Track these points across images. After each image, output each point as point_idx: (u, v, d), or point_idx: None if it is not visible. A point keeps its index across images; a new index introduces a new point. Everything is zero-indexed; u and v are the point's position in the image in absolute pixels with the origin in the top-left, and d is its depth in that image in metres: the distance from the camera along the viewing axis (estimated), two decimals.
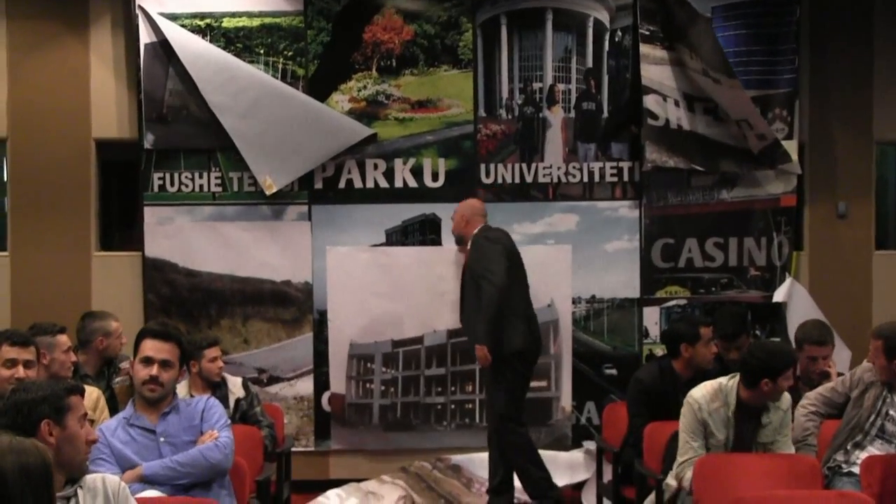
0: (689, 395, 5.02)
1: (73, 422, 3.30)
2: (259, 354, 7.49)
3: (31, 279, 7.47)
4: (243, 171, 7.44)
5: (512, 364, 6.52)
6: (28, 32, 7.56)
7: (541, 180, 7.56)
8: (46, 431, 3.20)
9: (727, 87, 7.24)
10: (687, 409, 5.00)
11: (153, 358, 4.49)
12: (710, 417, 4.92)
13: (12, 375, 4.46)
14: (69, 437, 3.27)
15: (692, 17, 7.24)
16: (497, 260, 6.58)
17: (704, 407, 4.94)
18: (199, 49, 7.39)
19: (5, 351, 4.54)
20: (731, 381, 4.98)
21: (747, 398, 4.88)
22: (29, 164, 7.57)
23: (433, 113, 7.57)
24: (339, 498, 6.69)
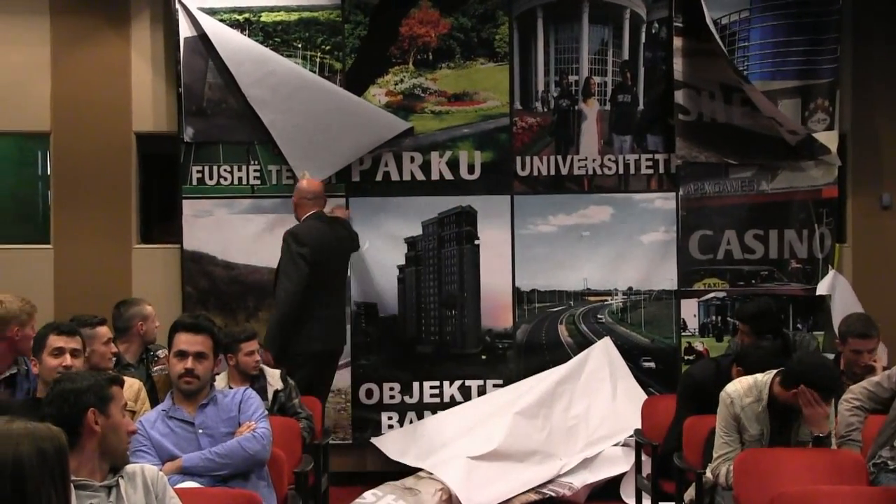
0: (724, 390, 5.01)
1: (116, 411, 3.34)
2: None
3: (73, 271, 7.56)
4: (282, 164, 7.48)
5: (305, 366, 6.57)
6: (70, 28, 7.66)
7: (576, 172, 7.55)
8: (92, 420, 3.23)
9: (749, 90, 7.27)
10: (721, 403, 4.98)
11: (187, 351, 4.53)
12: (742, 412, 4.89)
13: (59, 364, 4.50)
14: (113, 426, 3.30)
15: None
16: (294, 263, 6.60)
17: (737, 402, 4.91)
18: (237, 43, 7.45)
19: (52, 340, 4.59)
20: (766, 377, 4.94)
21: (779, 395, 4.84)
22: (71, 157, 7.67)
23: (469, 106, 7.57)
24: (375, 497, 6.70)
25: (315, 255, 6.65)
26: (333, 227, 6.97)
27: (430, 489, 6.73)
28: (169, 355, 4.66)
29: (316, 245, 6.69)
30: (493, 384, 7.53)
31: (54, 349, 4.58)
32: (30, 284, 6.96)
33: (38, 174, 8.06)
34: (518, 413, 7.04)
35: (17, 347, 5.24)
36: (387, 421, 7.54)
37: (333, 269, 6.86)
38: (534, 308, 7.59)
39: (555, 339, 7.58)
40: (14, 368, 5.25)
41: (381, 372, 7.57)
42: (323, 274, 6.70)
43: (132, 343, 6.07)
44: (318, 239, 6.74)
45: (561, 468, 6.94)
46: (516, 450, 6.92)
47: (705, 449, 5.21)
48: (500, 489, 6.76)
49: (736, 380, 5.06)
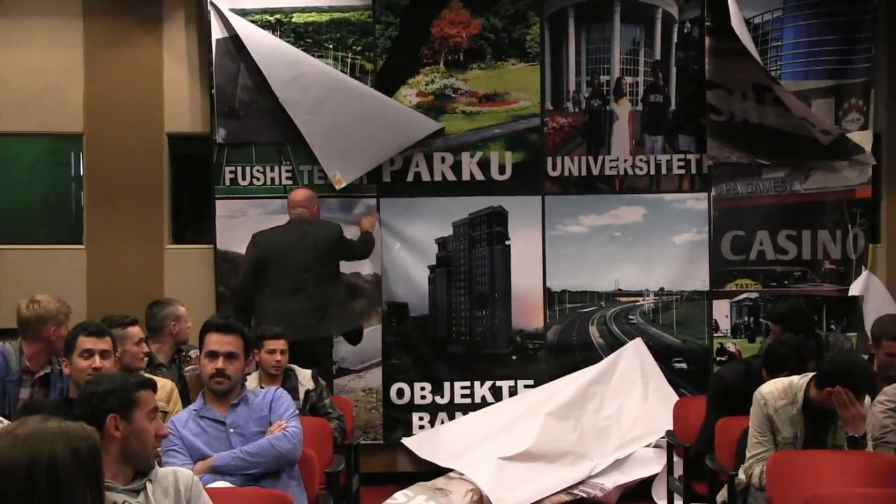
0: (758, 391, 4.98)
1: (142, 416, 3.27)
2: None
3: (106, 272, 7.60)
4: (313, 164, 7.50)
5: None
6: (103, 30, 7.70)
7: (607, 173, 7.53)
8: (112, 426, 3.19)
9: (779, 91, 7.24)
10: (754, 404, 4.95)
11: (217, 351, 4.53)
12: (776, 414, 4.86)
13: (89, 366, 4.50)
14: (136, 431, 3.23)
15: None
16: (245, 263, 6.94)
17: (771, 403, 4.88)
18: (269, 44, 7.47)
19: (82, 341, 4.58)
20: (802, 379, 4.91)
21: (815, 398, 4.81)
22: (104, 158, 7.71)
23: (500, 106, 7.57)
24: (406, 497, 6.70)
25: (264, 255, 6.82)
26: (302, 229, 6.95)
27: (460, 490, 6.72)
28: (200, 355, 4.67)
29: (267, 247, 6.85)
30: (524, 385, 7.52)
31: (84, 350, 4.57)
32: (63, 285, 7.00)
33: (71, 175, 8.10)
34: (549, 414, 7.03)
35: (53, 347, 5.29)
36: (418, 421, 7.55)
37: (295, 267, 6.82)
38: (565, 309, 7.58)
39: (586, 339, 7.57)
40: (48, 368, 5.30)
41: (412, 372, 7.58)
42: (280, 273, 6.78)
43: (165, 343, 6.10)
44: (272, 241, 6.88)
45: (592, 469, 6.92)
46: (548, 450, 6.91)
47: (738, 450, 5.19)
48: (532, 490, 6.74)
49: (771, 381, 5.02)
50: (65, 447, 2.37)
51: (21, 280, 7.37)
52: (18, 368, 5.23)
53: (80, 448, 2.40)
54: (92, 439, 2.47)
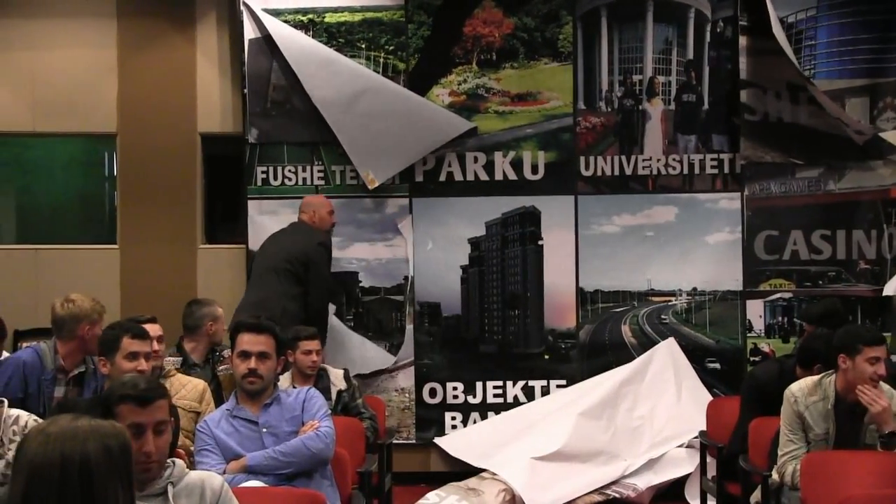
0: (788, 389, 4.97)
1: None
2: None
3: (139, 271, 7.65)
4: (345, 164, 7.51)
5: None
6: (136, 30, 7.75)
7: (640, 172, 7.51)
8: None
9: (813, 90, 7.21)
10: (785, 403, 4.93)
11: (250, 351, 4.52)
12: (807, 411, 4.85)
13: (134, 368, 4.52)
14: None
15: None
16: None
17: (801, 400, 4.86)
18: (302, 44, 7.49)
19: (127, 343, 4.59)
20: (831, 376, 4.89)
21: (843, 390, 4.79)
22: (137, 158, 7.75)
23: (533, 106, 7.56)
24: (438, 497, 6.69)
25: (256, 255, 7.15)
26: (289, 231, 7.13)
27: (493, 490, 6.71)
28: (232, 355, 4.68)
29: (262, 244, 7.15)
30: (557, 385, 7.51)
31: (130, 353, 4.58)
32: (96, 284, 7.04)
33: (104, 175, 8.16)
34: (582, 414, 7.01)
35: (87, 346, 5.31)
36: (450, 421, 7.55)
37: (263, 264, 6.95)
38: (597, 308, 7.56)
39: (618, 339, 7.55)
40: (82, 367, 5.33)
41: (445, 372, 7.58)
42: (254, 267, 7.02)
43: (200, 343, 6.12)
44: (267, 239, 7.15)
45: (625, 469, 6.91)
46: (580, 450, 6.90)
47: (771, 450, 5.16)
48: (564, 490, 6.73)
49: (801, 379, 5.01)
50: (97, 445, 2.37)
51: (56, 280, 7.42)
52: (53, 367, 5.26)
53: (111, 446, 2.40)
54: (123, 437, 2.46)
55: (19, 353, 5.74)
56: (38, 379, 5.20)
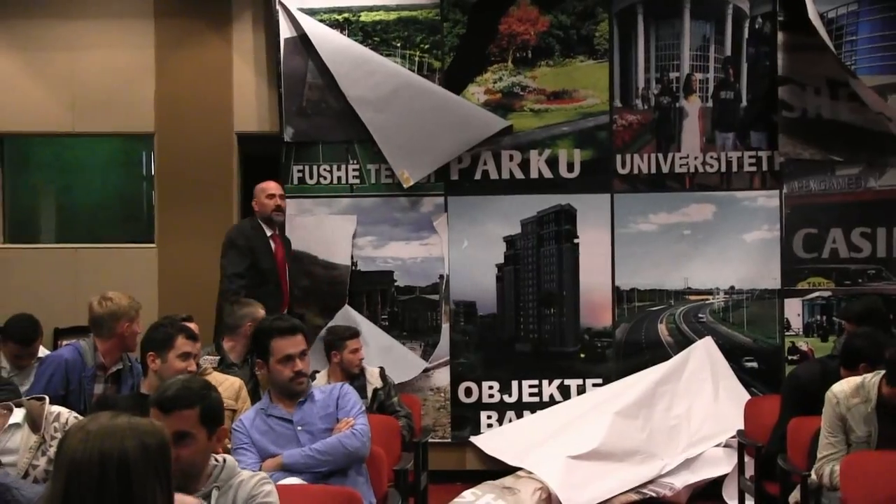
0: (830, 390, 4.90)
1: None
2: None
3: (177, 270, 7.69)
4: (381, 162, 7.52)
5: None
6: (173, 31, 7.80)
7: (677, 170, 7.47)
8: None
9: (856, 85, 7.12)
10: (826, 404, 4.87)
11: (293, 354, 4.50)
12: (848, 413, 4.78)
13: (185, 368, 4.57)
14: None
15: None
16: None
17: (843, 402, 4.80)
18: (337, 43, 7.51)
19: (181, 343, 4.66)
20: (875, 377, 4.82)
21: (888, 395, 4.72)
22: (174, 158, 7.81)
23: (569, 104, 7.53)
24: (474, 496, 6.68)
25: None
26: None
27: (529, 488, 6.70)
28: (270, 361, 4.64)
29: None
30: (593, 384, 7.48)
31: (183, 353, 4.64)
32: (134, 283, 7.14)
33: (142, 174, 8.22)
34: (618, 413, 6.98)
35: (126, 344, 5.36)
36: (486, 420, 7.53)
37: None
38: (633, 307, 7.52)
39: (655, 338, 7.51)
40: (120, 364, 5.37)
41: (480, 371, 7.57)
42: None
43: (238, 343, 6.12)
44: None
45: (662, 468, 6.87)
46: (616, 449, 6.86)
47: (810, 450, 5.11)
48: (601, 489, 6.70)
49: (843, 380, 4.94)
50: (135, 443, 2.38)
51: (95, 278, 7.48)
52: (93, 364, 5.30)
53: (149, 444, 2.41)
54: (161, 436, 2.47)
55: (61, 350, 5.79)
56: (79, 376, 5.24)
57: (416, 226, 7.60)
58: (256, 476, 3.27)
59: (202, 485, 3.13)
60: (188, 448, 3.14)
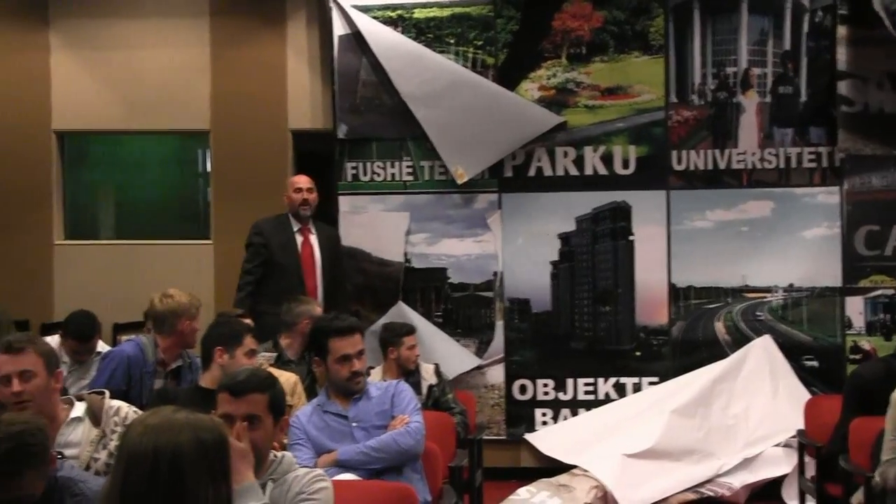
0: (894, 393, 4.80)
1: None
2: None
3: (233, 266, 7.66)
4: (434, 159, 7.51)
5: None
6: (228, 29, 7.85)
7: (734, 166, 7.38)
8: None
9: None
10: (891, 407, 4.77)
11: (351, 354, 4.52)
12: None
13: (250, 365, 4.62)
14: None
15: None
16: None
17: None
18: (391, 40, 7.51)
19: (248, 342, 4.78)
20: None
21: None
22: (230, 155, 7.87)
23: (623, 100, 7.48)
24: (529, 493, 6.67)
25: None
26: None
27: (584, 486, 6.66)
28: (327, 360, 4.63)
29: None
30: (649, 382, 7.42)
31: (250, 350, 4.78)
32: (191, 279, 7.20)
33: (198, 172, 8.28)
34: (674, 411, 6.92)
35: (186, 341, 5.42)
36: (540, 417, 7.50)
37: None
38: (690, 304, 7.45)
39: (711, 336, 7.43)
40: (180, 361, 5.41)
41: (535, 368, 7.54)
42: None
43: (295, 339, 6.14)
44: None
45: (720, 468, 6.80)
46: (673, 448, 6.80)
47: (874, 451, 5.01)
48: (657, 487, 6.65)
49: None
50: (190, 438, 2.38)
51: (152, 274, 7.55)
52: (154, 360, 5.36)
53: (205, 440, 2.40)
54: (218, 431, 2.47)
55: (123, 346, 5.85)
56: (140, 372, 5.31)
57: (470, 223, 7.57)
58: (312, 473, 3.27)
59: (260, 476, 3.14)
60: (256, 432, 3.17)
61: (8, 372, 3.70)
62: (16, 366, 3.70)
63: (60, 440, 3.78)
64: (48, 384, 3.76)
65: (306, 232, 7.07)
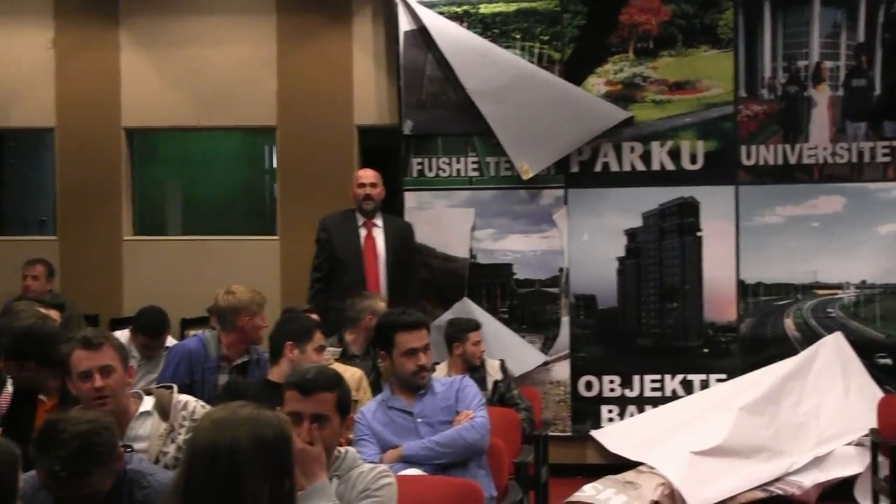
0: None
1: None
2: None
3: (299, 262, 7.72)
4: (500, 155, 7.48)
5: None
6: (295, 25, 7.89)
7: (805, 161, 7.27)
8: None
9: None
10: None
11: (418, 348, 4.54)
12: None
13: (318, 361, 4.72)
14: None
15: None
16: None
17: None
18: (456, 35, 7.50)
19: (318, 338, 4.86)
20: None
21: None
22: (296, 151, 7.91)
23: (691, 94, 7.40)
24: (595, 490, 6.63)
25: None
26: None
27: (651, 484, 6.61)
28: (393, 354, 4.62)
29: None
30: (716, 379, 7.33)
31: (319, 346, 4.85)
32: (258, 274, 7.25)
33: (265, 168, 8.33)
34: (743, 408, 6.83)
35: (248, 337, 5.43)
36: (607, 414, 7.45)
37: None
38: (759, 301, 7.35)
39: (781, 333, 7.33)
40: (246, 357, 5.44)
41: (601, 364, 7.49)
42: None
43: (359, 335, 6.16)
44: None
45: (790, 466, 6.70)
46: (742, 446, 6.72)
47: None
48: (725, 485, 6.58)
49: None
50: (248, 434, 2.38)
51: (220, 270, 7.59)
52: (216, 356, 5.39)
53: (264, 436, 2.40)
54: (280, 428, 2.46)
55: (186, 341, 5.92)
56: (203, 367, 5.34)
57: (536, 218, 7.54)
58: (376, 469, 3.28)
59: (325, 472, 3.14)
60: (324, 430, 3.17)
61: (89, 367, 3.72)
62: (96, 361, 3.72)
63: (130, 434, 3.81)
64: (124, 379, 3.81)
65: (370, 226, 7.08)
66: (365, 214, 7.08)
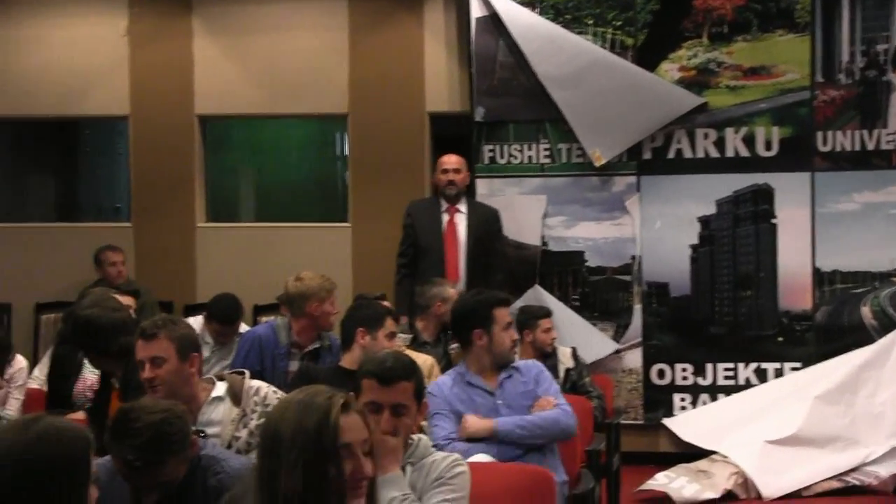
0: None
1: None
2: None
3: (370, 248, 7.81)
4: (571, 142, 7.45)
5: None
6: (367, 12, 7.91)
7: (883, 147, 7.15)
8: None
9: None
10: None
11: (511, 323, 4.62)
12: None
13: (390, 347, 4.68)
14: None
15: None
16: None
17: None
18: (528, 21, 7.46)
19: (389, 324, 4.86)
20: None
21: None
22: (367, 138, 7.93)
23: (767, 80, 7.30)
24: (667, 479, 6.61)
25: None
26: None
27: (724, 472, 6.58)
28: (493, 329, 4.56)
29: None
30: (791, 367, 7.24)
31: (390, 332, 4.84)
32: (329, 261, 7.29)
33: (336, 155, 8.37)
34: (818, 397, 6.76)
35: (318, 323, 5.45)
36: (679, 402, 7.40)
37: None
38: (835, 289, 7.25)
39: (857, 321, 7.22)
40: (318, 343, 5.47)
41: (673, 352, 7.44)
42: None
43: (429, 322, 6.18)
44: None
45: (866, 456, 6.61)
46: (816, 435, 6.66)
47: None
48: (799, 475, 6.53)
49: None
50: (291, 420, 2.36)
51: (292, 256, 7.63)
52: (287, 342, 5.43)
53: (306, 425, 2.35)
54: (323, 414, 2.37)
55: (257, 327, 5.98)
56: (273, 353, 5.38)
57: (608, 205, 7.50)
58: (450, 458, 3.27)
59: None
60: (404, 420, 3.17)
61: (142, 357, 3.82)
62: (149, 352, 3.81)
63: (202, 419, 3.86)
64: (181, 369, 3.83)
65: (453, 212, 7.11)
66: (448, 200, 7.10)
